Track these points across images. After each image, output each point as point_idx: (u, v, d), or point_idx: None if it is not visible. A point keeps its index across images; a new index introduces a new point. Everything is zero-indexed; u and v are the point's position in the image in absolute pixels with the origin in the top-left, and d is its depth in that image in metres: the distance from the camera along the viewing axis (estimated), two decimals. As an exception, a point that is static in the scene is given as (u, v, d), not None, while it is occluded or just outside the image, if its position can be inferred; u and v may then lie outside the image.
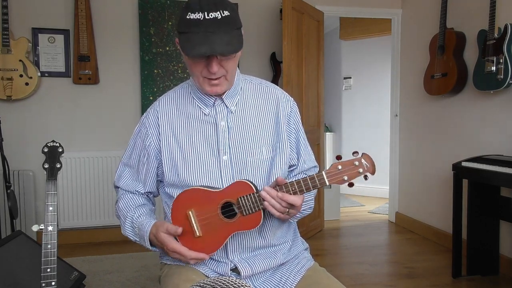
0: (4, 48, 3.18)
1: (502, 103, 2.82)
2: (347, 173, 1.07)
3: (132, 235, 1.25)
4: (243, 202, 1.10)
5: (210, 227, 1.14)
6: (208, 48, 1.05)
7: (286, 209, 1.10)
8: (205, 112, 1.24)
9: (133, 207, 1.28)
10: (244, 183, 1.12)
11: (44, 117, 3.44)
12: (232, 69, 1.16)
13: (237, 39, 1.09)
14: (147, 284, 2.61)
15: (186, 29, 1.08)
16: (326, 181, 1.07)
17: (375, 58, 5.47)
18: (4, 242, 1.96)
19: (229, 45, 1.07)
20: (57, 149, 1.31)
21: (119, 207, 1.30)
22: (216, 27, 1.05)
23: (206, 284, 0.98)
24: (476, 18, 3.03)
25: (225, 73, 1.15)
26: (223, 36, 1.06)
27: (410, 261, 3.08)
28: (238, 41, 1.10)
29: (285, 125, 1.27)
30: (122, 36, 3.57)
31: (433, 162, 3.58)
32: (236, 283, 0.99)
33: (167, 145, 1.24)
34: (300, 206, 1.13)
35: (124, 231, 1.27)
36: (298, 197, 1.10)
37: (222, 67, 1.13)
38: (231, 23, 1.08)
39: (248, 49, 3.78)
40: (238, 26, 1.11)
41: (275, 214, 1.10)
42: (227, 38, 1.06)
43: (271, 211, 1.09)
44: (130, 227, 1.25)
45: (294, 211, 1.13)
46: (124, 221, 1.27)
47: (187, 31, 1.07)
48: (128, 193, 1.32)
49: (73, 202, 3.46)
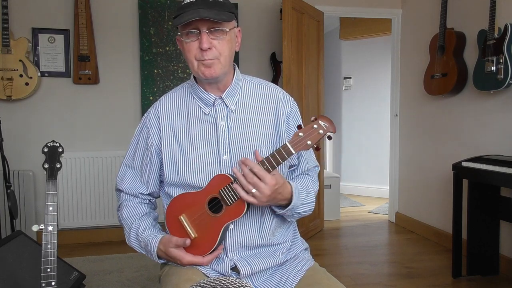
0: (4, 48, 3.18)
1: (502, 103, 2.82)
2: (309, 137, 1.08)
3: (138, 247, 1.28)
4: (224, 193, 1.13)
5: (203, 226, 1.17)
6: (196, 14, 1.09)
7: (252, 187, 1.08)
8: (205, 112, 1.24)
9: (137, 218, 1.28)
10: (223, 176, 1.15)
11: (44, 117, 3.44)
12: (225, 51, 1.17)
13: (228, 16, 1.14)
14: (147, 284, 2.61)
15: (180, 11, 1.14)
16: (291, 149, 1.08)
17: (375, 58, 5.47)
18: (4, 242, 1.96)
19: (218, 15, 1.11)
20: (57, 149, 1.31)
21: (123, 216, 1.30)
22: (207, 6, 1.11)
23: (206, 284, 0.98)
24: (476, 18, 3.03)
25: (218, 55, 1.16)
26: (212, 8, 1.11)
27: (410, 261, 3.08)
28: (229, 18, 1.14)
29: (284, 124, 1.27)
30: (122, 36, 3.57)
31: (433, 162, 3.58)
32: (236, 283, 0.99)
33: (167, 144, 1.24)
34: (273, 186, 1.08)
35: (129, 242, 1.29)
36: (268, 174, 1.08)
37: (215, 48, 1.15)
38: (224, 6, 1.14)
39: (248, 49, 3.78)
40: (230, 10, 1.16)
41: (242, 195, 1.08)
42: (217, 9, 1.12)
43: (239, 191, 1.08)
44: (135, 239, 1.27)
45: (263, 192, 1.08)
46: (129, 232, 1.28)
47: (180, 12, 1.13)
48: (131, 199, 1.32)
49: (73, 202, 3.46)
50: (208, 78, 1.18)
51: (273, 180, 1.08)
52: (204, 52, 1.14)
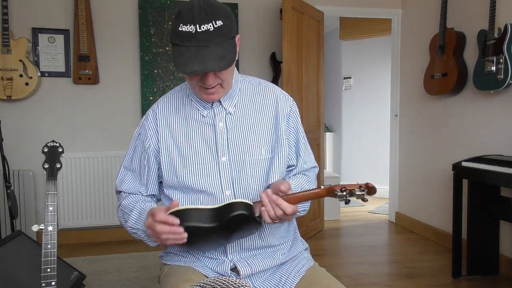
0: (4, 48, 3.19)
1: (502, 103, 2.82)
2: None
3: (134, 224, 1.21)
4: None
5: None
6: (201, 66, 1.03)
7: (277, 217, 1.09)
8: (203, 114, 1.23)
9: (140, 201, 1.25)
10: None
11: (44, 117, 3.44)
12: (227, 77, 1.16)
13: (230, 50, 1.07)
14: (147, 284, 2.61)
15: (178, 41, 1.06)
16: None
17: (375, 58, 5.47)
18: (4, 242, 1.96)
19: (222, 61, 1.05)
20: (57, 149, 1.31)
21: (123, 205, 1.27)
22: (208, 40, 1.03)
23: (206, 284, 0.98)
24: (476, 18, 3.03)
25: (221, 82, 1.15)
26: (215, 50, 1.04)
27: (410, 261, 3.08)
28: (232, 53, 1.08)
29: (284, 124, 1.26)
30: (122, 36, 3.57)
31: (433, 162, 3.58)
32: (236, 283, 0.99)
33: (165, 146, 1.24)
34: (291, 215, 1.11)
35: (126, 224, 1.23)
36: (291, 207, 1.09)
37: (218, 77, 1.13)
38: (224, 34, 1.05)
39: (248, 49, 3.78)
40: (232, 36, 1.08)
41: (267, 220, 1.09)
42: (220, 52, 1.05)
43: (264, 216, 1.08)
44: (136, 218, 1.20)
45: (286, 218, 1.11)
46: (129, 214, 1.22)
47: (179, 44, 1.06)
48: (132, 194, 1.30)
49: (73, 202, 3.46)
50: (210, 102, 1.20)
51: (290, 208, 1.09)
52: (208, 85, 1.13)
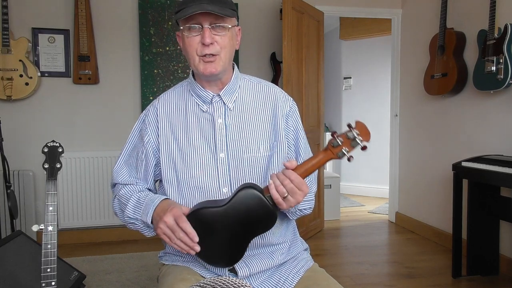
0: (4, 48, 3.19)
1: (502, 103, 2.82)
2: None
3: (132, 214, 1.18)
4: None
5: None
6: (200, 8, 1.10)
7: (286, 192, 1.04)
8: (203, 109, 1.24)
9: (136, 191, 1.23)
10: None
11: (44, 117, 3.44)
12: (226, 46, 1.17)
13: (230, 11, 1.15)
14: (147, 284, 2.61)
15: (182, 5, 1.14)
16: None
17: (375, 58, 5.47)
18: (4, 242, 1.96)
19: (221, 9, 1.12)
20: (57, 149, 1.31)
21: (119, 195, 1.24)
22: (210, 1, 1.12)
23: (206, 284, 0.98)
24: (476, 18, 3.03)
25: (219, 51, 1.16)
26: (215, 3, 1.13)
27: (410, 261, 3.08)
28: (231, 13, 1.16)
29: (283, 124, 1.26)
30: (122, 36, 3.57)
31: (433, 162, 3.58)
32: (236, 283, 0.99)
33: (165, 142, 1.24)
34: (301, 193, 1.05)
35: (123, 214, 1.21)
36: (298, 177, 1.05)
37: (216, 43, 1.15)
38: (226, 3, 1.15)
39: (248, 49, 3.78)
40: (232, 8, 1.17)
41: (275, 195, 1.03)
42: (219, 5, 1.13)
43: (272, 191, 1.04)
44: (134, 206, 1.18)
45: (295, 196, 1.05)
46: (126, 204, 1.20)
47: (183, 7, 1.13)
48: (128, 185, 1.27)
49: (73, 202, 3.46)
50: (208, 76, 1.18)
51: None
52: (206, 47, 1.14)
